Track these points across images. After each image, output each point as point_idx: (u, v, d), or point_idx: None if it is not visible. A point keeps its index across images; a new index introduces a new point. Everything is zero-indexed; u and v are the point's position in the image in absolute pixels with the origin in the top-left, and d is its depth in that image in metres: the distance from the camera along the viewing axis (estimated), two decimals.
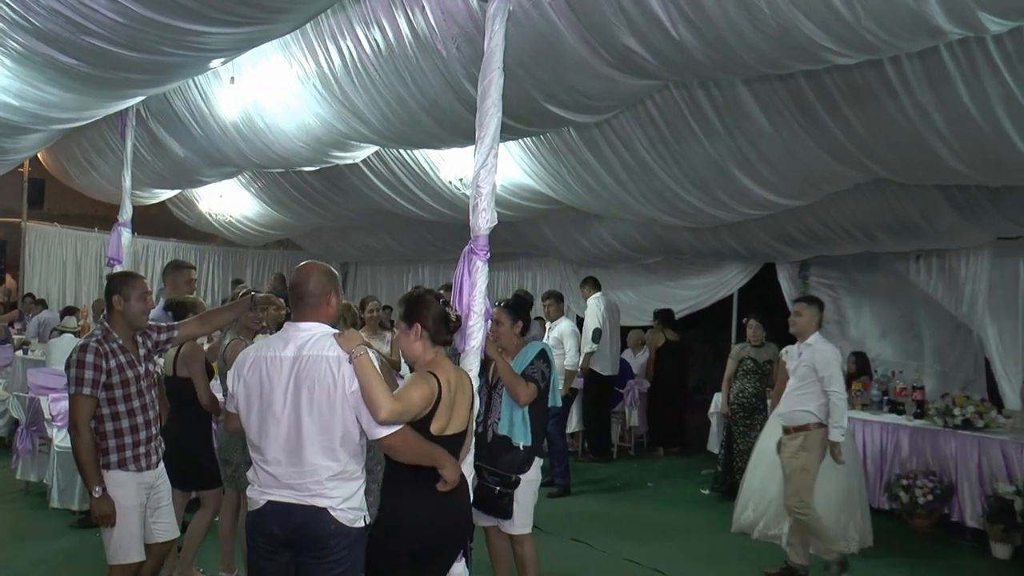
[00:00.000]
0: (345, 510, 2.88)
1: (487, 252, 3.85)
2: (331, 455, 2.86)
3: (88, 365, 3.66)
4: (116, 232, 6.94)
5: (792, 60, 4.28)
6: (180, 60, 4.85)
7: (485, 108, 3.86)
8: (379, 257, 14.86)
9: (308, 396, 2.85)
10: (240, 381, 2.98)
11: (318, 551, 2.86)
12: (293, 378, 2.87)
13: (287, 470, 2.87)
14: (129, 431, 3.77)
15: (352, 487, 2.92)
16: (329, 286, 3.02)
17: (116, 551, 3.74)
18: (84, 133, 9.19)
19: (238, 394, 2.98)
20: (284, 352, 2.92)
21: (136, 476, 3.78)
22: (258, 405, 2.92)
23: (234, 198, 11.98)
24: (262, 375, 2.92)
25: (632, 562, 5.85)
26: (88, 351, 3.68)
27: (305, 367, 2.87)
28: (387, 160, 8.92)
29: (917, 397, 7.44)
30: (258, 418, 2.92)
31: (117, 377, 3.72)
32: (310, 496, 2.85)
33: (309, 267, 3.07)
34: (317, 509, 2.85)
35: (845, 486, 6.29)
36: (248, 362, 2.99)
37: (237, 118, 7.22)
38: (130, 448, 3.77)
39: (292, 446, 2.86)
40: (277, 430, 2.88)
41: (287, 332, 2.99)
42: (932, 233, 7.78)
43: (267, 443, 2.90)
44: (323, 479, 2.85)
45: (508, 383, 4.35)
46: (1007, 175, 5.65)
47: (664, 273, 11.37)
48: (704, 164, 6.71)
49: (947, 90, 4.81)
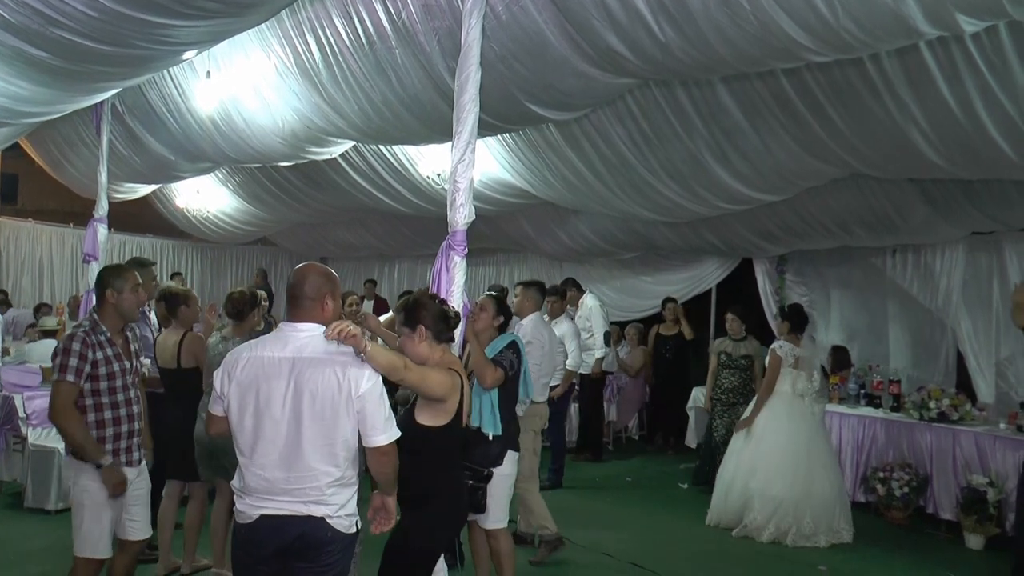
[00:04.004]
0: (342, 517, 2.84)
1: (465, 247, 3.86)
2: (332, 461, 2.79)
3: (74, 352, 3.66)
4: (92, 228, 6.88)
5: (772, 58, 4.31)
6: (151, 53, 4.80)
7: (463, 103, 3.87)
8: (357, 252, 14.79)
9: (310, 400, 2.76)
10: (232, 382, 2.85)
11: (312, 558, 2.81)
12: (294, 380, 2.77)
13: (284, 475, 2.77)
14: (112, 423, 3.77)
15: (348, 493, 2.87)
16: (325, 288, 2.93)
17: (83, 544, 3.72)
18: (58, 127, 9.07)
19: (230, 396, 2.85)
20: (282, 353, 2.82)
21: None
22: (253, 407, 2.80)
23: (212, 194, 11.88)
24: (258, 376, 2.81)
25: (608, 556, 5.87)
26: (75, 339, 3.69)
27: (307, 370, 2.78)
28: (365, 154, 8.89)
29: (894, 391, 7.52)
30: (253, 421, 2.80)
31: (103, 369, 3.73)
32: (307, 504, 2.78)
33: (306, 268, 3.01)
34: (315, 519, 2.79)
35: (837, 481, 6.46)
36: (241, 363, 2.86)
37: (214, 112, 7.16)
38: (111, 441, 3.76)
39: (291, 450, 2.77)
40: (275, 434, 2.78)
41: (283, 332, 2.90)
42: (906, 228, 7.86)
43: (263, 447, 2.79)
44: (323, 485, 2.78)
45: (477, 364, 4.30)
46: (984, 168, 5.71)
47: (641, 268, 11.40)
48: (682, 159, 6.74)
49: (927, 86, 4.86)
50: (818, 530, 6.23)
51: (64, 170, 10.65)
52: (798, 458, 6.31)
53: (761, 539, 6.23)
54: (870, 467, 7.17)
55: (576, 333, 8.02)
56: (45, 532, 5.88)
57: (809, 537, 6.20)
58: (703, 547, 6.21)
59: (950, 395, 7.02)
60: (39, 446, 6.31)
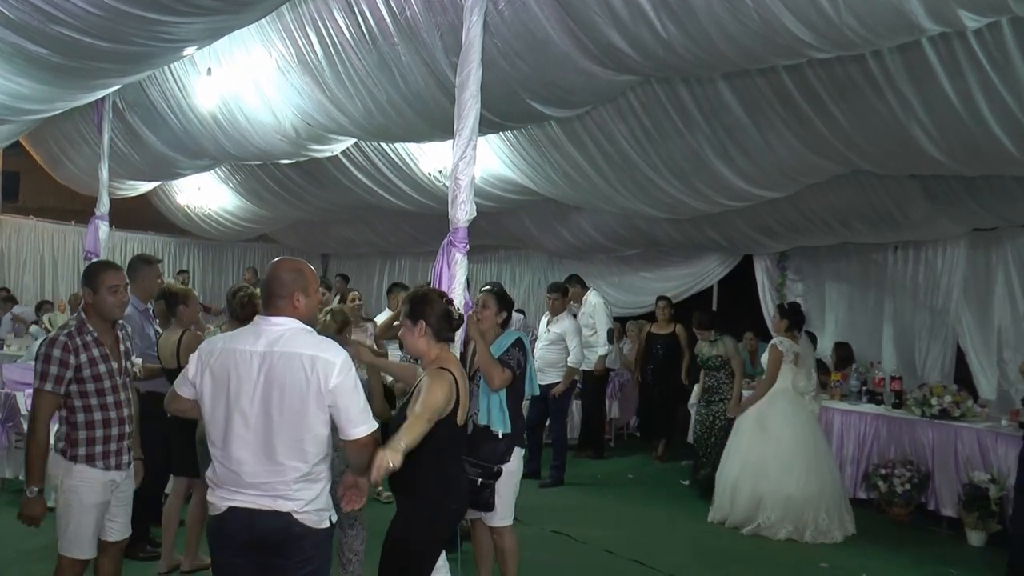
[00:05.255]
0: (310, 512, 2.79)
1: (466, 244, 3.85)
2: (300, 456, 2.76)
3: (54, 360, 3.53)
4: (93, 225, 6.88)
5: (774, 55, 4.30)
6: (150, 49, 4.81)
7: (464, 100, 3.86)
8: (358, 249, 14.80)
9: (279, 394, 2.74)
10: (206, 372, 2.84)
11: (285, 554, 2.78)
12: (264, 374, 2.75)
13: (253, 468, 2.75)
14: (101, 424, 3.65)
15: (317, 488, 2.82)
16: (295, 285, 2.88)
17: (69, 544, 3.67)
18: (59, 125, 9.07)
19: (203, 387, 2.84)
20: (254, 347, 2.80)
21: (103, 474, 3.66)
22: (224, 400, 2.79)
23: (213, 191, 11.88)
24: (230, 369, 2.80)
25: (610, 553, 5.87)
26: (56, 345, 3.55)
27: (277, 363, 2.75)
28: (367, 151, 8.89)
29: (895, 387, 7.50)
30: (224, 413, 2.79)
31: (89, 371, 3.60)
32: (274, 498, 2.75)
33: (279, 264, 2.98)
34: (281, 514, 2.75)
35: (838, 475, 6.56)
36: (215, 353, 2.85)
37: (215, 109, 7.16)
38: (100, 443, 3.65)
39: (260, 444, 2.75)
40: (245, 427, 2.76)
41: (258, 326, 2.88)
42: (907, 224, 7.86)
43: (233, 440, 2.77)
44: (290, 480, 2.75)
45: (484, 365, 4.31)
46: (986, 164, 5.71)
47: (641, 264, 11.39)
48: (684, 155, 6.74)
49: (929, 81, 4.85)
50: (832, 525, 6.26)
51: (64, 168, 10.66)
52: (807, 455, 6.35)
53: (778, 537, 6.21)
54: (872, 464, 7.15)
55: (578, 330, 7.98)
56: (47, 529, 5.84)
57: (826, 532, 6.23)
58: (705, 544, 6.20)
59: (952, 392, 7.00)
60: None
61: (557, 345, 7.81)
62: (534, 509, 6.45)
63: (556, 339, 7.83)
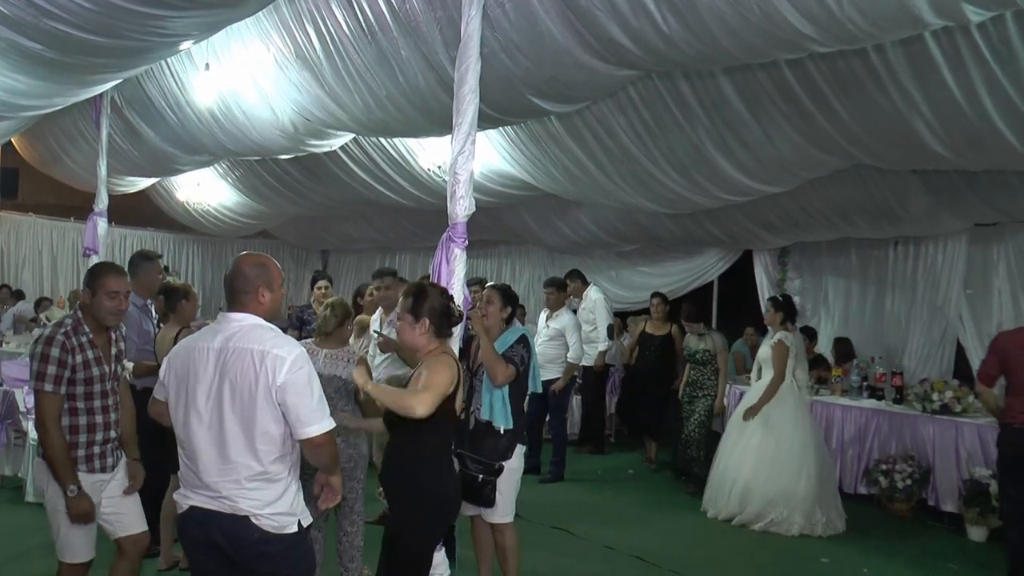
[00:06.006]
0: (269, 516, 2.70)
1: (465, 239, 3.83)
2: (252, 454, 2.68)
3: (52, 360, 3.45)
4: (92, 222, 6.85)
5: (776, 49, 4.28)
6: (145, 44, 4.78)
7: (462, 94, 3.83)
8: (357, 245, 14.77)
9: (230, 390, 2.68)
10: (171, 371, 2.84)
11: (248, 559, 2.72)
12: (218, 371, 2.71)
13: (208, 467, 2.71)
14: (86, 429, 3.57)
15: (276, 490, 2.72)
16: (258, 280, 2.83)
17: (64, 550, 3.60)
18: (57, 121, 9.05)
19: (168, 384, 2.84)
20: (212, 343, 2.77)
21: (88, 476, 3.57)
22: (184, 398, 2.77)
23: (212, 187, 11.86)
24: (188, 366, 2.77)
25: (610, 548, 5.85)
26: (53, 344, 3.46)
27: (230, 359, 2.70)
28: (365, 147, 8.86)
29: (896, 383, 7.48)
30: (184, 411, 2.77)
31: (81, 374, 3.52)
32: (229, 500, 2.68)
33: (241, 260, 2.92)
34: (237, 517, 2.68)
35: (830, 469, 6.55)
36: (180, 352, 2.86)
37: (212, 105, 7.13)
38: (83, 447, 3.57)
39: (214, 442, 2.70)
40: (200, 424, 2.72)
41: (219, 323, 2.85)
42: (908, 219, 7.84)
43: (191, 438, 2.74)
44: (242, 478, 2.68)
45: (488, 361, 4.29)
46: (989, 158, 5.68)
47: (641, 259, 11.34)
48: (684, 149, 6.71)
49: (932, 75, 4.82)
50: (830, 518, 6.30)
51: (62, 165, 10.64)
52: (812, 450, 6.40)
53: (791, 534, 6.20)
54: (872, 459, 7.14)
55: (577, 326, 7.92)
56: (46, 527, 5.82)
57: (827, 525, 6.26)
58: (705, 539, 6.19)
59: (953, 387, 6.99)
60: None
61: (556, 341, 7.77)
62: (534, 505, 6.43)
63: (555, 335, 7.79)
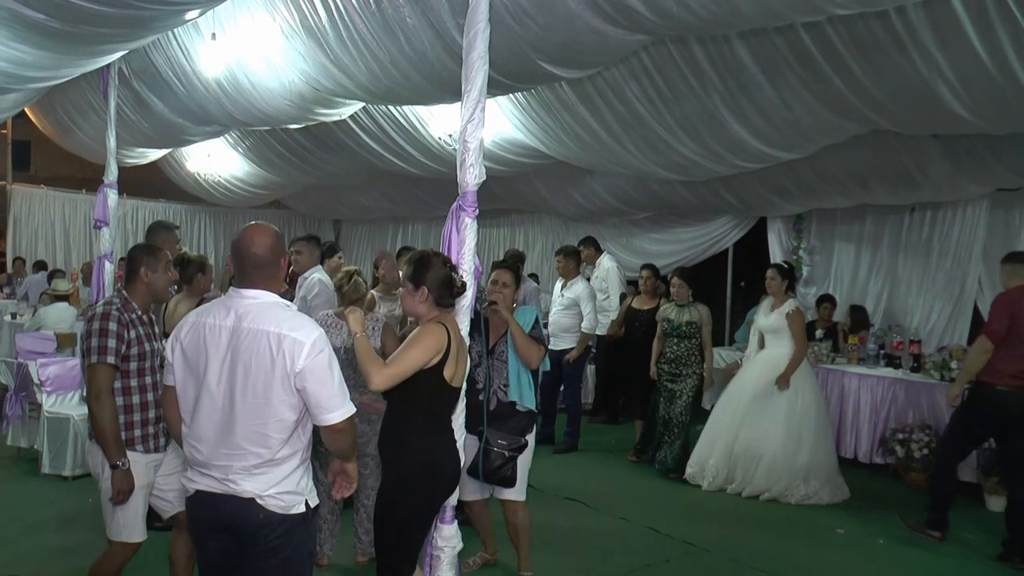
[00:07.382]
0: (274, 496, 2.62)
1: (476, 208, 3.76)
2: (261, 441, 2.60)
3: (111, 333, 3.46)
4: (102, 193, 6.81)
5: (794, 11, 4.16)
6: (151, 14, 4.69)
7: (471, 61, 3.73)
8: (370, 215, 14.73)
9: (244, 374, 2.58)
10: (178, 347, 2.71)
11: (251, 540, 2.65)
12: (231, 351, 2.61)
13: (215, 450, 2.62)
14: (139, 408, 3.59)
15: (282, 471, 2.65)
16: (272, 254, 2.72)
17: (119, 529, 3.60)
18: (66, 93, 9.01)
19: (176, 362, 2.72)
20: (224, 321, 2.65)
21: (144, 456, 3.59)
22: (194, 377, 2.67)
23: (222, 158, 11.80)
24: (199, 344, 2.66)
25: (625, 520, 5.84)
26: (111, 319, 3.49)
27: (244, 340, 2.60)
28: (375, 116, 8.77)
29: (913, 351, 7.39)
30: (193, 391, 2.67)
31: (135, 349, 3.55)
32: (234, 484, 2.61)
33: (258, 229, 2.76)
34: (242, 500, 2.61)
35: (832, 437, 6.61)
36: (187, 327, 2.72)
37: (220, 75, 7.07)
38: (139, 427, 3.59)
39: (223, 425, 2.61)
40: (211, 406, 2.62)
41: (230, 299, 2.71)
42: (927, 184, 7.69)
43: (199, 418, 2.65)
44: (250, 466, 2.60)
45: (522, 346, 4.34)
46: (1013, 121, 5.55)
47: (653, 227, 11.21)
48: (698, 115, 6.60)
49: (956, 36, 4.68)
50: (835, 487, 6.34)
51: (74, 137, 10.60)
52: (819, 418, 6.42)
53: (791, 501, 6.24)
54: (889, 429, 7.08)
55: (592, 295, 7.81)
56: (62, 498, 5.92)
57: (834, 493, 6.31)
58: (720, 511, 6.17)
59: None
60: (54, 413, 6.33)
61: (571, 310, 7.72)
62: (548, 475, 6.43)
63: (570, 304, 7.73)
